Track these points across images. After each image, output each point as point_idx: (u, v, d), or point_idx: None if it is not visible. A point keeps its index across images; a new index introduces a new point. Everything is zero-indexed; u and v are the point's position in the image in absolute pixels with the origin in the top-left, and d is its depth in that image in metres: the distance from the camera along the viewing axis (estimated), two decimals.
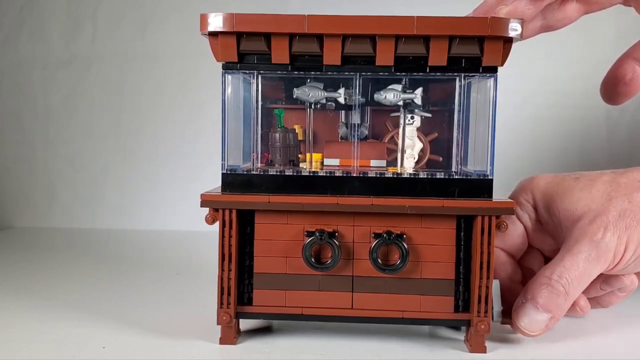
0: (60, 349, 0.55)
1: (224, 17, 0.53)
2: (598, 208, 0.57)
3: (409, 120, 0.59)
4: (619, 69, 0.64)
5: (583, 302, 0.60)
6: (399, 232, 0.55)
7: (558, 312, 0.56)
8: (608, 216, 0.56)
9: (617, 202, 0.57)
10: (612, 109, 1.08)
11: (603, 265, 0.56)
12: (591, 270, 0.56)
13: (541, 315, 0.56)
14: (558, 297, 0.55)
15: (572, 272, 0.55)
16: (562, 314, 0.56)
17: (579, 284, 0.56)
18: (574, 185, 0.60)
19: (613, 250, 0.56)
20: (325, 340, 0.58)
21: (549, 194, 0.61)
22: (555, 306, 0.56)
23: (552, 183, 0.62)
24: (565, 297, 0.55)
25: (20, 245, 1.06)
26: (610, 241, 0.55)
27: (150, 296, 0.73)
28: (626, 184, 0.58)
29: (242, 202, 0.55)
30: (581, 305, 0.60)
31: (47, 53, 1.19)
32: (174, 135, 1.19)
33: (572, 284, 0.55)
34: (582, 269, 0.55)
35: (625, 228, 0.56)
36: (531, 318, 0.56)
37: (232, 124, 0.57)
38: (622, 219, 0.56)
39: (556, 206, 0.60)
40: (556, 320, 0.56)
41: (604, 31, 1.09)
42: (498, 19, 0.53)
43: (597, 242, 0.55)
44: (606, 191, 0.58)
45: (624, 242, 0.56)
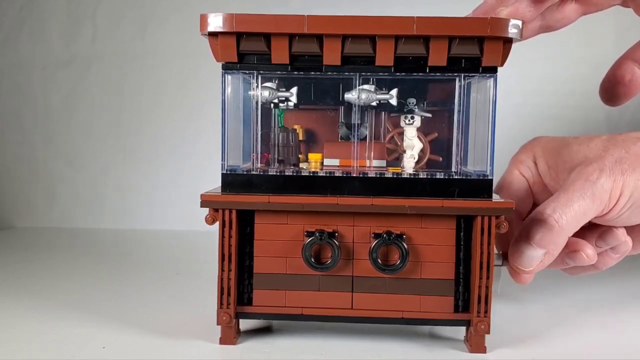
0: (60, 349, 0.55)
1: (224, 17, 0.53)
2: (595, 156, 0.58)
3: (409, 120, 0.59)
4: (618, 70, 0.64)
5: (590, 250, 0.60)
6: (399, 232, 0.55)
7: (552, 247, 0.56)
8: (604, 161, 0.57)
9: (614, 151, 0.58)
10: (612, 110, 1.08)
11: (598, 206, 0.56)
12: (585, 208, 0.56)
13: (535, 251, 0.56)
14: (551, 231, 0.55)
15: (566, 207, 0.55)
16: (556, 250, 0.56)
17: (572, 220, 0.55)
18: (572, 141, 0.62)
19: (609, 192, 0.56)
20: (325, 340, 0.58)
21: (548, 149, 0.63)
22: (548, 241, 0.55)
23: (551, 140, 0.64)
24: (559, 232, 0.55)
25: (20, 245, 1.06)
26: (606, 182, 0.56)
27: (150, 296, 0.73)
28: (623, 140, 0.59)
29: (242, 202, 0.55)
30: (588, 253, 0.60)
31: (47, 53, 1.19)
32: (174, 135, 1.19)
33: (565, 218, 0.55)
34: (576, 205, 0.55)
35: (622, 173, 0.56)
36: (525, 255, 0.56)
37: (232, 124, 0.57)
38: (618, 164, 0.56)
39: (554, 160, 0.61)
40: (551, 256, 0.56)
41: (603, 32, 1.09)
42: (498, 19, 0.53)
43: (592, 181, 0.56)
44: (603, 144, 0.59)
45: (619, 186, 0.56)
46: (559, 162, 0.61)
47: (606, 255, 0.63)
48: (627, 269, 0.83)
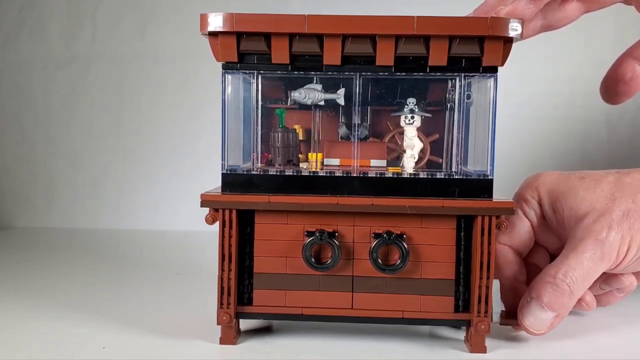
0: (60, 349, 0.55)
1: (224, 17, 0.53)
2: (602, 207, 0.57)
3: (409, 120, 0.59)
4: (619, 68, 0.64)
5: (589, 297, 0.61)
6: (399, 232, 0.55)
7: (563, 311, 0.56)
8: (612, 215, 0.56)
9: (621, 202, 0.57)
10: (613, 109, 1.08)
11: (607, 264, 0.56)
12: (595, 269, 0.56)
13: (546, 314, 0.56)
14: (563, 296, 0.55)
15: (577, 271, 0.56)
16: (566, 313, 0.57)
17: (583, 283, 0.56)
18: (579, 185, 0.60)
19: (617, 249, 0.56)
20: (325, 340, 0.58)
21: (554, 192, 0.61)
22: (560, 305, 0.56)
23: (557, 181, 0.62)
24: (570, 296, 0.56)
25: (20, 245, 1.06)
26: (614, 240, 0.56)
27: (150, 296, 0.73)
28: (630, 184, 0.58)
29: (242, 202, 0.55)
30: (587, 301, 0.60)
31: (47, 53, 1.19)
32: (174, 135, 1.19)
33: (577, 282, 0.55)
34: (586, 267, 0.56)
35: (629, 228, 0.56)
36: (536, 317, 0.56)
37: (232, 124, 0.57)
38: (626, 218, 0.56)
39: (560, 204, 0.60)
40: (561, 318, 0.57)
41: (604, 31, 1.09)
42: (498, 19, 0.53)
43: (601, 241, 0.56)
44: (610, 191, 0.58)
45: (627, 242, 0.56)
46: (565, 207, 0.60)
47: (611, 294, 0.64)
48: None
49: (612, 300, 0.65)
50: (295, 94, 0.58)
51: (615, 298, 0.64)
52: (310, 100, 0.57)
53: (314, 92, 0.57)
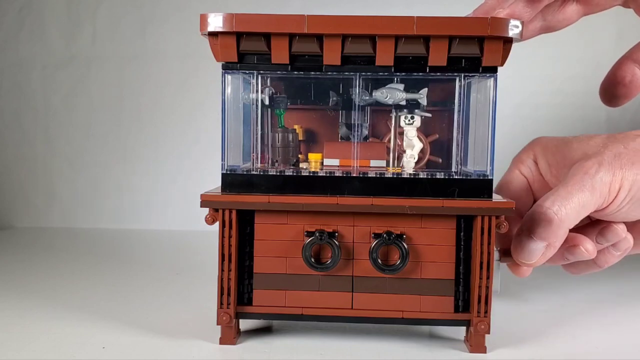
0: (60, 349, 0.55)
1: (224, 17, 0.53)
2: (594, 152, 0.59)
3: (409, 120, 0.59)
4: (619, 70, 0.64)
5: (590, 245, 0.60)
6: (399, 232, 0.55)
7: (553, 239, 0.56)
8: (603, 156, 0.57)
9: (612, 147, 0.58)
10: (613, 110, 1.08)
11: (597, 199, 0.56)
12: (585, 201, 0.56)
13: (536, 244, 0.56)
14: (551, 224, 0.55)
15: (566, 200, 0.56)
16: (557, 242, 0.57)
17: (572, 212, 0.56)
18: (573, 139, 0.63)
19: (608, 185, 0.56)
20: (325, 340, 0.58)
21: (548, 147, 0.64)
22: (549, 234, 0.56)
23: (552, 139, 0.65)
24: (559, 224, 0.56)
25: (20, 245, 1.06)
26: (605, 176, 0.56)
27: (150, 296, 0.73)
28: (622, 137, 0.60)
29: (242, 202, 0.55)
30: (587, 248, 0.60)
31: (47, 53, 1.19)
32: (174, 135, 1.19)
33: (565, 210, 0.55)
34: (575, 198, 0.56)
35: (620, 167, 0.56)
36: (527, 248, 0.57)
37: (232, 124, 0.57)
38: (617, 159, 0.57)
39: (554, 157, 0.62)
40: (553, 248, 0.57)
41: (604, 32, 1.09)
42: (498, 19, 0.53)
43: (591, 175, 0.56)
44: (603, 141, 0.60)
45: (618, 180, 0.56)
46: (559, 159, 0.62)
47: (607, 252, 0.63)
48: (627, 269, 0.83)
49: (610, 260, 0.64)
50: (377, 94, 0.57)
51: (613, 257, 0.64)
52: (392, 100, 0.57)
53: (396, 92, 0.57)
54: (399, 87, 0.57)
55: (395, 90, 0.57)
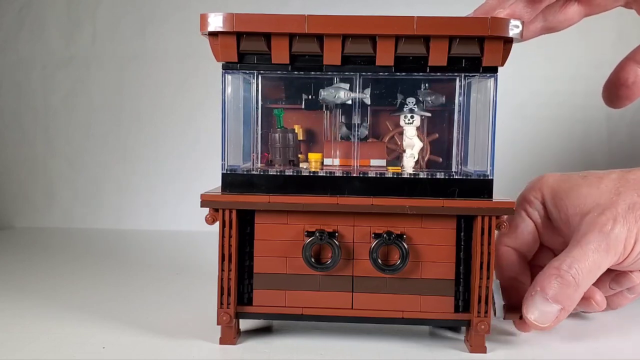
0: (60, 349, 0.55)
1: (224, 17, 0.53)
2: (606, 202, 0.57)
3: (408, 120, 0.59)
4: (621, 72, 0.64)
5: (599, 297, 0.59)
6: (399, 232, 0.55)
7: (568, 303, 0.55)
8: (617, 209, 0.56)
9: (625, 196, 0.57)
10: (613, 110, 1.08)
11: (613, 257, 0.55)
12: (601, 262, 0.55)
13: (551, 307, 0.55)
14: (568, 287, 0.54)
15: (582, 263, 0.55)
16: (572, 305, 0.56)
17: (588, 275, 0.55)
18: (582, 183, 0.60)
19: (623, 242, 0.55)
20: (325, 340, 0.58)
21: (557, 191, 0.61)
22: (565, 297, 0.55)
23: (560, 180, 0.62)
24: (576, 288, 0.55)
25: (20, 245, 1.06)
26: (620, 232, 0.55)
27: (150, 296, 0.73)
28: (634, 180, 0.58)
29: (242, 202, 0.55)
30: (597, 300, 0.59)
31: (47, 53, 1.19)
32: (174, 135, 1.19)
33: (582, 274, 0.54)
34: (591, 259, 0.55)
35: (635, 220, 0.55)
36: (541, 310, 0.55)
37: (232, 124, 0.57)
38: (631, 211, 0.56)
39: (564, 203, 0.60)
40: (567, 312, 0.55)
41: (605, 32, 1.09)
42: (498, 19, 0.53)
43: (606, 233, 0.55)
44: (615, 186, 0.58)
45: (634, 235, 0.55)
46: (569, 205, 0.59)
47: (621, 295, 0.63)
48: None
49: (623, 302, 0.64)
50: (325, 93, 0.57)
51: (626, 299, 0.63)
52: (340, 99, 0.57)
53: (342, 91, 0.57)
54: (344, 86, 0.57)
55: (342, 90, 0.57)
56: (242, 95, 0.58)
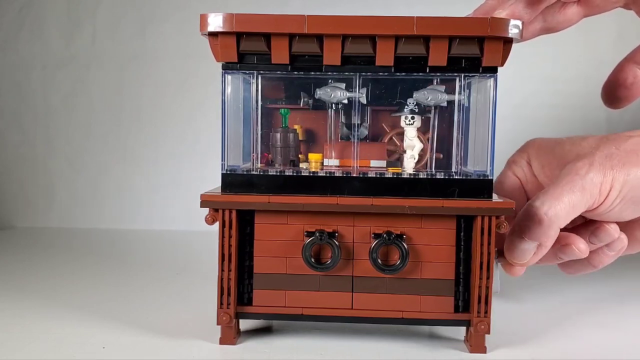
0: (60, 349, 0.55)
1: (224, 17, 0.53)
2: (586, 153, 0.59)
3: (409, 121, 0.59)
4: (620, 73, 0.65)
5: (582, 244, 0.60)
6: (399, 232, 0.55)
7: (544, 239, 0.56)
8: (594, 156, 0.57)
9: (604, 148, 0.58)
10: (612, 110, 1.08)
11: (588, 200, 0.56)
12: (575, 201, 0.56)
13: (527, 244, 0.57)
14: (541, 224, 0.56)
15: (556, 201, 0.56)
16: (548, 242, 0.57)
17: (562, 212, 0.56)
18: (565, 141, 0.63)
19: (598, 186, 0.56)
20: (325, 340, 0.58)
21: (542, 148, 0.64)
22: (539, 234, 0.56)
23: (545, 140, 0.65)
24: (550, 225, 0.56)
25: (20, 245, 1.06)
26: (595, 176, 0.56)
27: (150, 296, 0.73)
28: (615, 138, 0.60)
29: (242, 202, 0.55)
30: (580, 247, 0.60)
31: (47, 53, 1.19)
32: (174, 135, 1.19)
33: (556, 211, 0.56)
34: (566, 199, 0.56)
35: (611, 167, 0.56)
36: (519, 248, 0.57)
37: (232, 124, 0.57)
38: (608, 159, 0.57)
39: (547, 158, 0.63)
40: (544, 247, 0.57)
41: (604, 33, 1.09)
42: (498, 19, 0.53)
43: (582, 175, 0.56)
44: (595, 142, 0.60)
45: (609, 180, 0.56)
46: (552, 160, 0.62)
47: (602, 252, 0.63)
48: (625, 268, 0.83)
49: (605, 260, 0.64)
50: (321, 92, 0.57)
51: (607, 257, 0.63)
52: (336, 98, 0.57)
53: (339, 91, 0.57)
54: (340, 85, 0.57)
55: (338, 89, 0.57)
56: (242, 95, 0.58)
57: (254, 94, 0.57)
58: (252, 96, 0.57)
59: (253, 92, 0.57)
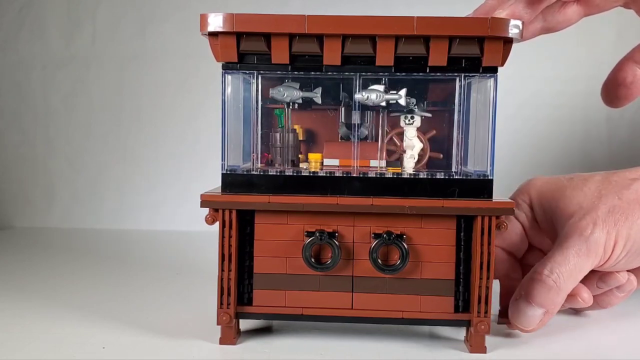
0: (60, 349, 0.55)
1: (224, 17, 0.53)
2: (588, 206, 0.59)
3: (409, 121, 0.59)
4: (620, 71, 0.64)
5: (585, 293, 0.61)
6: (399, 232, 0.55)
7: (551, 307, 0.57)
8: (597, 212, 0.58)
9: (606, 199, 0.58)
10: (612, 110, 1.08)
11: (594, 260, 0.57)
12: (582, 265, 0.57)
13: (534, 311, 0.57)
14: (550, 291, 0.56)
15: (563, 267, 0.56)
16: (555, 308, 0.57)
17: (570, 278, 0.56)
18: (567, 185, 0.62)
19: (602, 245, 0.57)
20: (325, 340, 0.58)
21: (543, 193, 0.63)
22: (547, 301, 0.56)
23: (547, 183, 0.64)
24: (557, 292, 0.56)
25: (20, 245, 1.06)
26: (599, 236, 0.56)
27: (150, 296, 0.73)
28: (617, 182, 0.60)
29: (242, 203, 0.55)
30: (583, 297, 0.60)
31: (47, 53, 1.19)
32: (174, 135, 1.19)
33: (563, 278, 0.56)
34: (572, 263, 0.56)
35: (614, 224, 0.57)
36: (525, 314, 0.57)
37: (232, 124, 0.57)
38: (611, 214, 0.57)
39: (550, 205, 0.62)
40: (551, 314, 0.57)
41: (604, 32, 1.09)
42: (498, 19, 0.53)
43: (586, 237, 0.57)
44: (597, 189, 0.60)
45: (613, 237, 0.57)
46: (554, 207, 0.61)
47: (611, 294, 0.64)
48: None
49: (614, 301, 0.64)
50: (274, 92, 0.58)
51: (617, 298, 0.64)
52: (289, 97, 0.58)
53: (292, 90, 0.57)
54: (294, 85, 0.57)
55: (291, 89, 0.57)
56: (242, 95, 0.58)
57: (254, 94, 0.57)
58: (252, 96, 0.57)
59: (253, 92, 0.57)
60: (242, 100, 0.58)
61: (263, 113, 0.59)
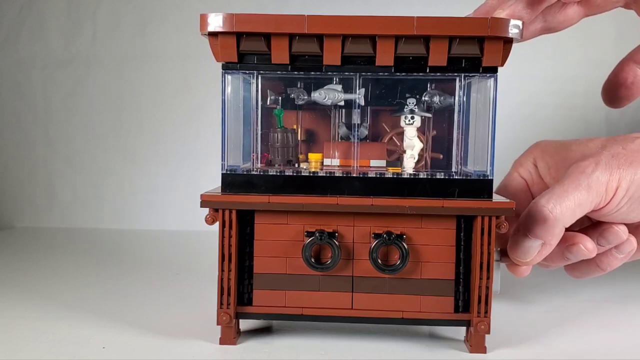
0: (60, 349, 0.55)
1: (224, 17, 0.53)
2: (592, 153, 0.59)
3: (409, 121, 0.59)
4: (620, 72, 0.65)
5: (590, 244, 0.60)
6: (399, 232, 0.55)
7: (549, 238, 0.56)
8: (600, 156, 0.58)
9: (610, 148, 0.59)
10: (612, 110, 1.08)
11: (594, 198, 0.56)
12: (581, 200, 0.56)
13: (531, 242, 0.57)
14: (546, 222, 0.56)
15: (561, 198, 0.56)
16: (553, 240, 0.57)
17: (567, 210, 0.56)
18: (572, 142, 0.63)
19: (605, 185, 0.56)
20: (325, 340, 0.58)
21: (548, 150, 0.65)
22: (544, 231, 0.56)
23: (551, 142, 0.66)
24: (555, 223, 0.56)
25: (20, 245, 1.06)
26: (602, 175, 0.56)
27: (150, 296, 0.73)
28: (622, 139, 0.60)
29: (242, 203, 0.55)
30: (587, 246, 0.60)
31: (47, 53, 1.19)
32: (174, 135, 1.19)
33: (561, 209, 0.56)
34: (571, 197, 0.56)
35: (618, 166, 0.56)
36: (523, 246, 0.57)
37: (232, 124, 0.57)
38: (614, 158, 0.57)
39: (553, 159, 0.63)
40: (548, 246, 0.57)
41: (604, 32, 1.09)
42: (498, 19, 0.53)
43: (588, 174, 0.56)
44: (601, 143, 0.60)
45: (616, 179, 0.56)
46: (558, 161, 0.62)
47: (610, 255, 0.63)
48: (627, 270, 0.82)
49: (614, 262, 0.64)
50: (315, 94, 0.58)
51: (616, 259, 0.63)
52: (330, 100, 0.57)
53: (334, 93, 0.57)
54: (337, 87, 0.58)
55: (334, 91, 0.57)
56: (242, 95, 0.58)
57: (254, 94, 0.57)
58: (252, 96, 0.58)
59: (253, 92, 0.57)
60: (242, 100, 0.58)
61: (263, 113, 0.59)
